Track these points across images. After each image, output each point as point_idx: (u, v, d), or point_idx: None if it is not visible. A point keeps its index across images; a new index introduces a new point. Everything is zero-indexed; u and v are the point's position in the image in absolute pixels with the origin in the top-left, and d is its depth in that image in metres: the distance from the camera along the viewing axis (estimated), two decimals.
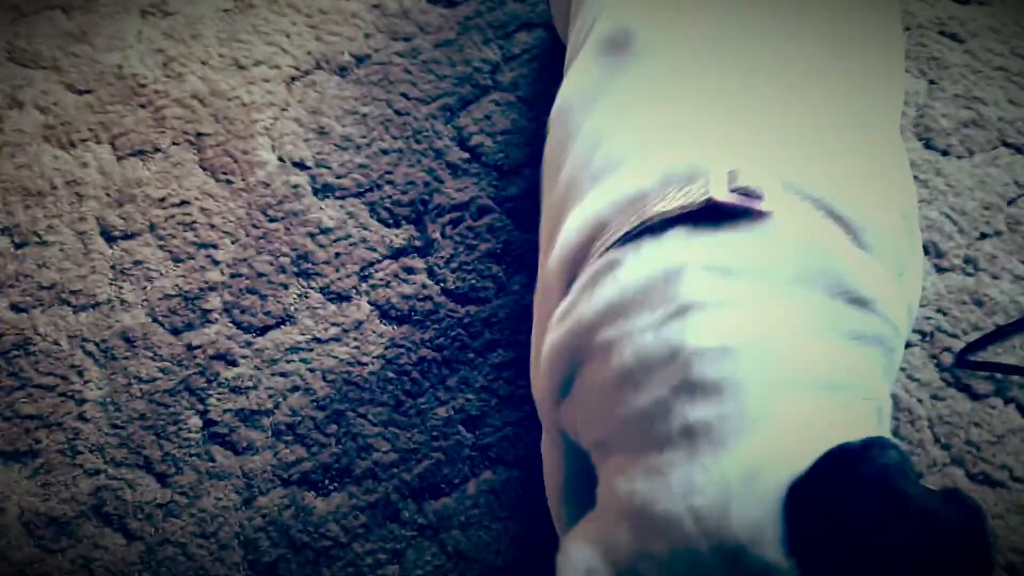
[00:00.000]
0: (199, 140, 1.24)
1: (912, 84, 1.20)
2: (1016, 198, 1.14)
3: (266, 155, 1.22)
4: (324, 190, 1.21)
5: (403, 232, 1.18)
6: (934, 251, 1.12)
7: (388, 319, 1.15)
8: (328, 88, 1.25)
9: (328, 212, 1.19)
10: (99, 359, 1.16)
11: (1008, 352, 1.08)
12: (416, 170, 1.21)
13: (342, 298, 1.16)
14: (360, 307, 1.16)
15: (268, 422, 1.12)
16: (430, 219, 1.19)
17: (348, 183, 1.21)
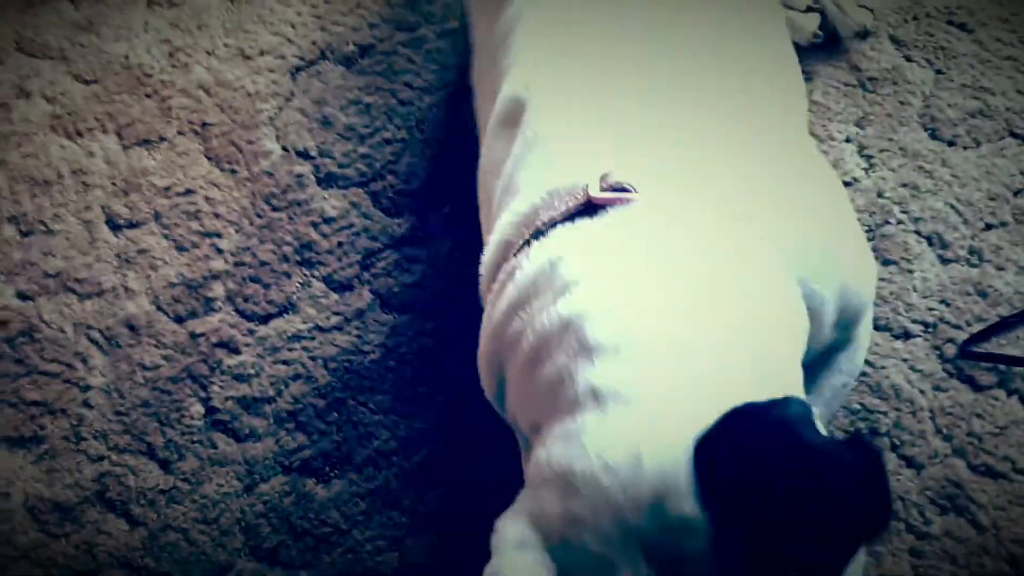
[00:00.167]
0: (204, 130, 1.25)
1: (918, 74, 1.19)
2: (1023, 189, 1.13)
3: (270, 145, 1.23)
4: (327, 179, 1.21)
5: (405, 222, 1.19)
6: (939, 242, 1.11)
7: (390, 308, 1.15)
8: (332, 78, 1.25)
9: (331, 201, 1.20)
10: (103, 346, 1.17)
11: (1012, 344, 1.07)
12: (419, 160, 1.21)
13: (344, 287, 1.16)
14: (362, 296, 1.16)
15: (270, 409, 1.13)
16: (432, 209, 1.19)
17: (351, 172, 1.21)
